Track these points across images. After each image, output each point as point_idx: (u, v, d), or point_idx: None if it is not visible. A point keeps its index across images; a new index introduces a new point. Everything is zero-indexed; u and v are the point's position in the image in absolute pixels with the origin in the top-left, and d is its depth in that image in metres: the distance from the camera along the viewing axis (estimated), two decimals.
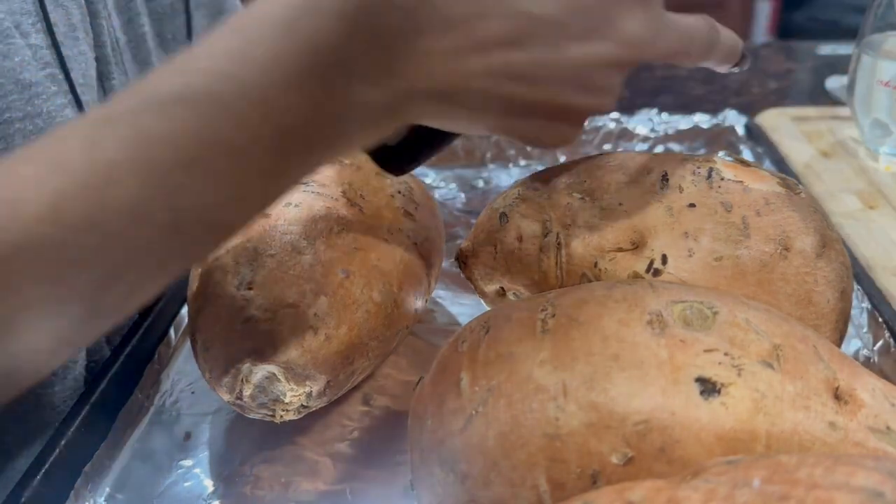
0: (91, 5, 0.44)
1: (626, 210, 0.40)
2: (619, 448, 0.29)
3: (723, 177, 0.40)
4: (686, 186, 0.40)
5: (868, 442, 0.30)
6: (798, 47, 1.11)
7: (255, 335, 0.40)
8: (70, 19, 0.42)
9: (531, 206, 0.42)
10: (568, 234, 0.41)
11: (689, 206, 0.39)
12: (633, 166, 0.42)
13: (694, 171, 0.40)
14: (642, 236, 0.39)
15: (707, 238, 0.38)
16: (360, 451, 0.43)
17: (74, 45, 0.42)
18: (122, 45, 0.49)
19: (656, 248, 0.39)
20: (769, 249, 0.38)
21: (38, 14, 0.39)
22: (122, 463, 0.43)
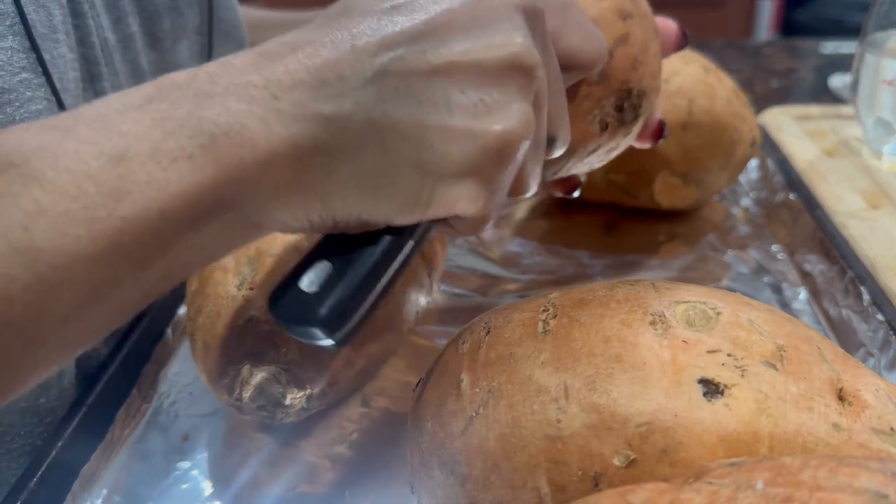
0: (76, 6, 0.44)
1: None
2: (621, 450, 0.29)
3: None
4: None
5: (871, 443, 0.30)
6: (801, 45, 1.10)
7: (255, 336, 0.40)
8: (51, 20, 0.41)
9: None
10: None
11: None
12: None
13: None
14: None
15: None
16: (359, 453, 0.43)
17: (54, 47, 0.41)
18: (111, 46, 0.48)
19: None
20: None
21: (14, 16, 0.38)
22: (119, 464, 0.43)
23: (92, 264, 0.23)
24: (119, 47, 0.49)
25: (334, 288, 0.28)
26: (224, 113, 0.25)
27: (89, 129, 0.24)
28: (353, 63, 0.27)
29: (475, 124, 0.28)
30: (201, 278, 0.43)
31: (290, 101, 0.26)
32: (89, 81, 0.45)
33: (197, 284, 0.43)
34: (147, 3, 0.52)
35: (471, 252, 0.61)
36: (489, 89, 0.28)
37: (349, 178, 0.27)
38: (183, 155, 0.24)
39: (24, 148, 0.23)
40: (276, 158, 0.26)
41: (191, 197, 0.24)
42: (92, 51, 0.45)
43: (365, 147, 0.27)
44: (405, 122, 0.27)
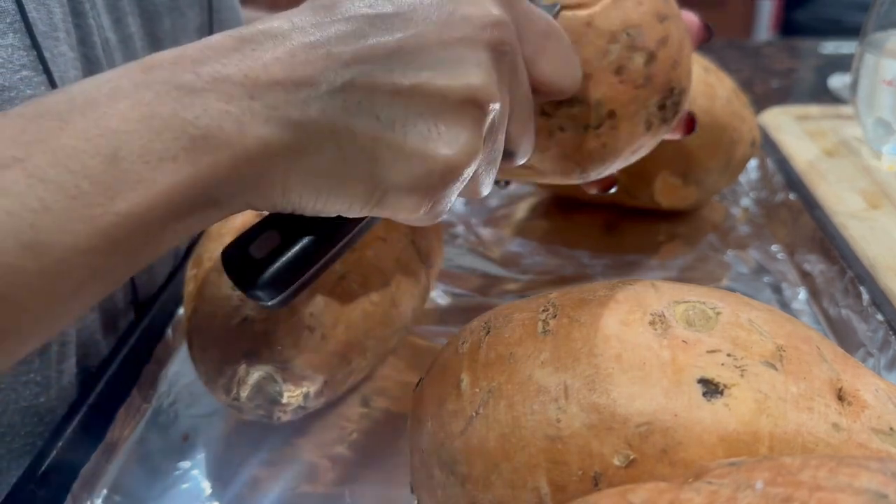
0: (76, 5, 0.44)
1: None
2: (621, 450, 0.29)
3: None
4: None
5: (871, 443, 0.30)
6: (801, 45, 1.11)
7: (250, 336, 0.40)
8: (51, 18, 0.41)
9: None
10: None
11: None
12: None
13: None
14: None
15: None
16: (358, 453, 0.43)
17: (55, 45, 0.41)
18: (112, 45, 0.48)
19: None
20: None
21: (15, 14, 0.38)
22: (119, 465, 0.43)
23: (90, 254, 0.26)
24: (120, 47, 0.49)
25: (278, 258, 0.32)
26: (203, 115, 0.27)
27: (84, 120, 0.26)
28: (325, 70, 0.29)
29: (426, 147, 0.30)
30: (197, 280, 0.43)
31: (263, 102, 0.28)
32: None
33: (193, 286, 0.43)
34: (148, 4, 0.52)
35: (471, 252, 0.61)
36: (445, 117, 0.30)
37: (308, 177, 0.30)
38: (168, 156, 0.27)
39: (24, 139, 0.25)
40: (247, 157, 0.28)
41: (175, 193, 0.27)
42: (93, 50, 0.45)
43: (324, 151, 0.29)
44: (363, 134, 0.29)
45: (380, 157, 0.30)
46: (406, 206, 0.31)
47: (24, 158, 0.25)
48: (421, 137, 0.30)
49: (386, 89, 0.29)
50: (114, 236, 0.26)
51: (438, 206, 0.32)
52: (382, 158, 0.30)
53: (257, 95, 0.28)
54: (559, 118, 0.40)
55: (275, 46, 0.29)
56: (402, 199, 0.31)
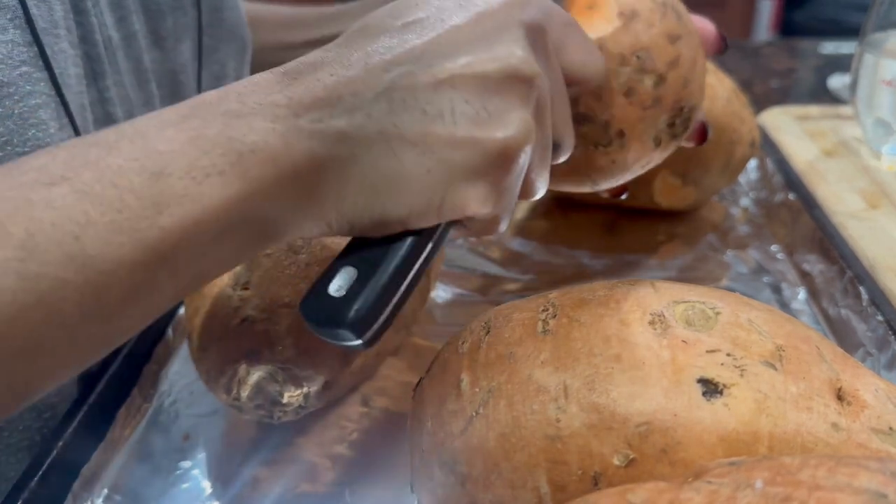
0: (78, 3, 0.44)
1: None
2: (621, 449, 0.29)
3: None
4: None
5: (871, 443, 0.30)
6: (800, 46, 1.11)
7: (251, 336, 0.40)
8: (52, 15, 0.41)
9: None
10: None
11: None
12: None
13: None
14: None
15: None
16: (359, 453, 0.43)
17: (55, 42, 0.41)
18: (115, 44, 0.48)
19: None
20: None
21: (17, 9, 0.38)
22: (119, 464, 0.43)
23: (134, 269, 0.26)
24: (122, 45, 0.49)
25: (359, 292, 0.30)
26: (250, 132, 0.28)
27: (131, 146, 0.27)
28: (365, 79, 0.29)
29: (478, 132, 0.30)
30: None
31: (309, 118, 0.29)
32: (92, 79, 0.45)
33: None
34: (150, 2, 0.52)
35: (471, 252, 0.61)
36: (491, 99, 0.30)
37: (362, 186, 0.30)
38: (214, 171, 0.27)
39: (74, 163, 0.26)
40: (295, 171, 0.28)
41: (222, 208, 0.27)
42: (95, 48, 0.45)
43: (376, 156, 0.29)
44: (412, 131, 0.29)
45: (433, 151, 0.29)
46: (471, 198, 0.30)
47: (72, 178, 0.26)
48: (471, 122, 0.30)
49: (427, 82, 0.29)
50: (158, 250, 0.26)
51: (504, 198, 0.32)
52: (436, 151, 0.29)
53: (301, 113, 0.28)
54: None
55: (315, 72, 0.29)
56: (465, 191, 0.30)
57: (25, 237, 0.24)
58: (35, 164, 0.26)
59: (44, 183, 0.25)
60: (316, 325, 0.30)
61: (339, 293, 0.30)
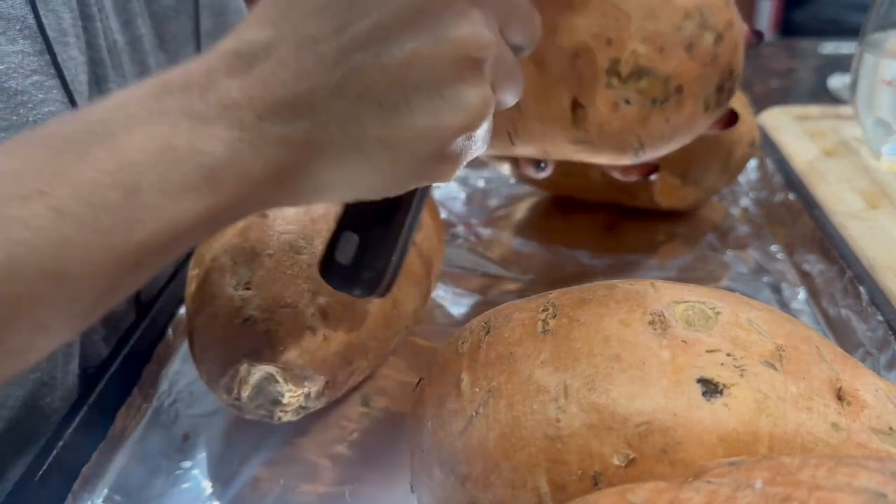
0: (85, 8, 0.44)
1: None
2: (621, 449, 0.29)
3: None
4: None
5: (870, 443, 0.30)
6: (800, 46, 1.11)
7: (252, 336, 0.40)
8: (61, 24, 0.41)
9: None
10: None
11: None
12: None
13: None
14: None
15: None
16: (359, 453, 0.43)
17: (64, 50, 0.41)
18: (120, 48, 0.48)
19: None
20: None
21: (26, 20, 0.39)
22: (120, 464, 0.43)
23: (109, 277, 0.27)
24: (128, 49, 0.49)
25: (363, 258, 0.33)
26: (219, 144, 0.28)
27: (103, 153, 0.27)
28: (320, 73, 0.29)
29: (436, 118, 0.29)
30: (198, 280, 0.43)
31: (272, 122, 0.28)
32: (95, 83, 0.45)
33: (195, 285, 0.43)
34: (157, 6, 0.52)
35: (471, 252, 0.61)
36: (444, 83, 0.29)
37: (333, 179, 0.30)
38: (188, 187, 0.27)
39: (47, 171, 0.26)
40: (268, 177, 0.29)
41: (196, 221, 0.28)
42: (99, 53, 0.45)
43: (344, 154, 0.30)
44: (373, 126, 0.29)
45: (397, 142, 0.30)
46: (440, 171, 0.31)
47: (48, 192, 0.26)
48: (427, 111, 0.29)
49: (377, 75, 0.29)
50: (134, 261, 0.27)
51: (472, 148, 0.32)
52: (400, 142, 0.30)
53: (265, 115, 0.28)
54: (626, 90, 0.40)
55: (267, 59, 0.29)
56: (435, 169, 0.31)
57: (5, 259, 0.25)
58: (8, 166, 0.26)
59: (19, 196, 0.25)
60: (335, 287, 0.35)
61: (345, 260, 0.34)
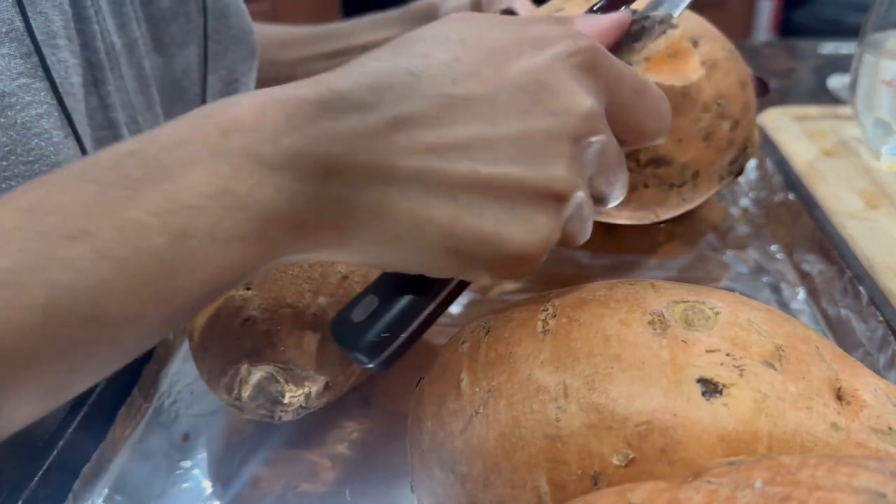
0: (81, 10, 0.44)
1: None
2: (621, 449, 0.29)
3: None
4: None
5: (870, 443, 0.30)
6: (800, 46, 1.11)
7: (253, 335, 0.40)
8: (50, 26, 0.41)
9: None
10: None
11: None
12: None
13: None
14: None
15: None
16: (359, 453, 0.43)
17: (53, 52, 0.41)
18: (117, 50, 0.48)
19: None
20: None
21: (12, 22, 0.39)
22: (120, 464, 0.43)
23: (150, 321, 0.27)
24: (124, 52, 0.49)
25: (375, 321, 0.33)
26: (278, 195, 0.27)
27: (154, 192, 0.26)
28: (406, 153, 0.28)
29: (501, 231, 0.30)
30: None
31: (340, 181, 0.28)
32: (93, 85, 0.45)
33: None
34: (153, 9, 0.52)
35: None
36: (522, 204, 0.30)
37: (384, 251, 0.30)
38: (237, 236, 0.27)
39: (96, 209, 0.26)
40: (320, 234, 0.29)
41: (240, 268, 0.28)
42: (96, 55, 0.45)
43: (401, 229, 0.29)
44: (441, 216, 0.29)
45: (457, 237, 0.30)
46: (484, 279, 0.32)
47: (93, 232, 0.25)
48: (496, 221, 0.30)
49: (465, 176, 0.29)
50: (174, 307, 0.27)
51: (517, 277, 0.32)
52: (460, 238, 0.30)
53: (335, 175, 0.28)
54: (645, 176, 0.42)
55: (356, 121, 0.28)
56: (480, 273, 0.31)
57: (46, 302, 0.25)
58: (58, 201, 0.26)
59: (64, 235, 0.25)
60: (339, 345, 0.33)
61: (358, 318, 0.33)
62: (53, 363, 0.26)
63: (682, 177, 0.42)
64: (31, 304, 0.25)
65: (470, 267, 0.31)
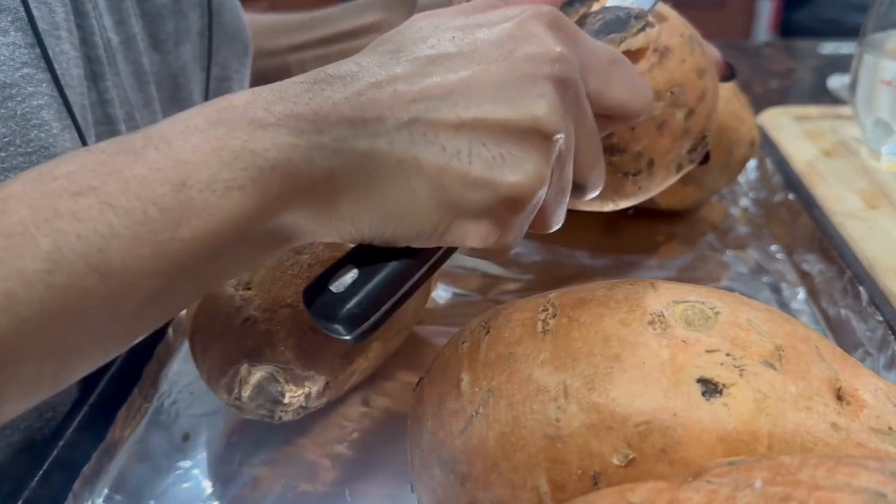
0: (79, 5, 0.44)
1: None
2: (621, 449, 0.29)
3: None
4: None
5: (870, 443, 0.30)
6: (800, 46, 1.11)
7: (253, 335, 0.40)
8: (53, 17, 0.41)
9: None
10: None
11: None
12: None
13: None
14: None
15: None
16: (359, 453, 0.43)
17: (56, 43, 0.41)
18: (114, 46, 0.48)
19: None
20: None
21: (17, 11, 0.39)
22: (120, 464, 0.43)
23: (155, 277, 0.27)
24: (122, 48, 0.49)
25: (355, 293, 0.32)
26: (272, 147, 0.28)
27: (156, 154, 0.28)
28: (391, 106, 0.30)
29: (490, 175, 0.30)
30: None
31: (331, 136, 0.29)
32: (92, 80, 0.45)
33: None
34: (150, 6, 0.52)
35: None
36: (509, 146, 0.31)
37: (377, 206, 0.31)
38: (235, 185, 0.28)
39: (101, 171, 0.27)
40: (315, 186, 0.29)
41: (240, 220, 0.28)
42: (95, 50, 0.45)
43: (393, 182, 0.30)
44: (430, 165, 0.30)
45: (446, 186, 0.30)
46: (474, 233, 0.31)
47: (98, 187, 0.26)
48: (486, 165, 0.30)
49: (450, 122, 0.30)
50: (178, 261, 0.27)
51: (507, 235, 0.32)
52: (449, 187, 0.30)
53: (325, 130, 0.29)
54: None
55: (343, 87, 0.30)
56: (470, 226, 0.31)
57: (53, 249, 0.25)
58: (65, 169, 0.27)
59: (71, 192, 0.26)
60: (314, 315, 0.32)
61: (337, 289, 0.32)
62: (60, 319, 0.26)
63: (636, 165, 0.42)
64: (37, 252, 0.25)
65: (459, 220, 0.31)
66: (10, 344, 0.26)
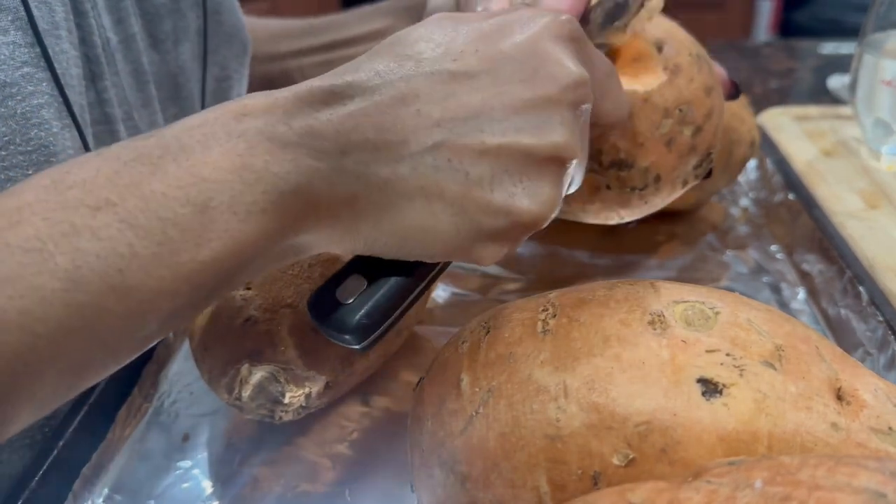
0: (78, 4, 0.44)
1: None
2: (621, 449, 0.29)
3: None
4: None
5: (870, 443, 0.30)
6: (800, 46, 1.11)
7: (253, 335, 0.40)
8: (53, 17, 0.41)
9: None
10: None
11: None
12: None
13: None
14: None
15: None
16: (359, 453, 0.43)
17: (56, 43, 0.41)
18: (113, 46, 0.48)
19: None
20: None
21: (17, 11, 0.39)
22: (120, 464, 0.43)
23: (173, 296, 0.27)
24: (121, 47, 0.49)
25: (366, 303, 0.32)
26: (294, 171, 0.28)
27: (176, 167, 0.27)
28: (416, 128, 0.29)
29: (511, 202, 0.30)
30: None
31: (354, 158, 0.29)
32: (91, 80, 0.45)
33: None
34: (149, 5, 0.52)
35: None
36: (529, 174, 0.31)
37: (395, 229, 0.31)
38: (257, 209, 0.28)
39: (119, 182, 0.27)
40: (335, 211, 0.30)
41: (259, 242, 0.28)
42: (94, 50, 0.45)
43: (413, 205, 0.30)
44: (452, 191, 0.30)
45: (467, 212, 0.30)
46: (489, 255, 0.32)
47: (117, 203, 0.26)
48: (507, 193, 0.30)
49: (474, 148, 0.30)
50: (196, 282, 0.27)
51: (514, 249, 0.33)
52: (471, 213, 0.30)
53: (348, 152, 0.29)
54: (607, 178, 0.42)
55: (364, 102, 0.29)
56: (486, 248, 0.31)
57: (72, 269, 0.25)
58: (79, 177, 0.27)
59: (88, 206, 0.26)
60: (320, 324, 0.32)
61: (347, 300, 0.32)
62: (78, 336, 0.26)
63: (643, 180, 0.43)
64: (55, 270, 0.25)
65: (476, 243, 0.31)
66: (25, 360, 0.25)
